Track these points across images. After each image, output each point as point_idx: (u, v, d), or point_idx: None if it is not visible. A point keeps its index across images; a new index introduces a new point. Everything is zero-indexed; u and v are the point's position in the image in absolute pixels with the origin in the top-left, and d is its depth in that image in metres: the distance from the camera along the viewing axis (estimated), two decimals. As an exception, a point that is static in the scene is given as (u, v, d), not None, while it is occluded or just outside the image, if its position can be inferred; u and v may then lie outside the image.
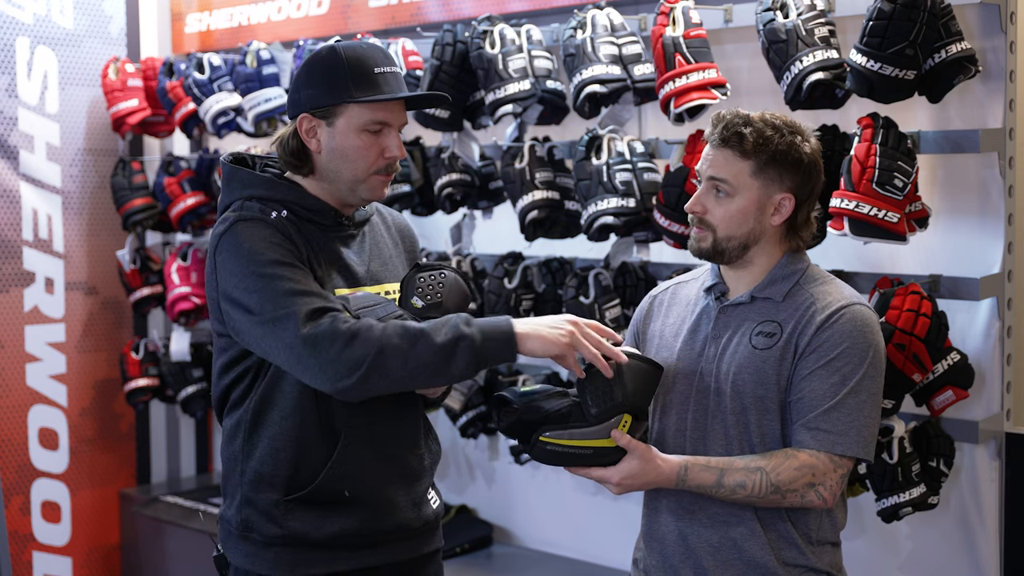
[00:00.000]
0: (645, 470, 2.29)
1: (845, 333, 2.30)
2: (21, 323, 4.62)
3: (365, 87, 2.39)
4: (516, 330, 2.25)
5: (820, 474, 2.28)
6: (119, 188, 4.69)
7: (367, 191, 2.44)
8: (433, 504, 2.56)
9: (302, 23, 4.48)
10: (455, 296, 2.44)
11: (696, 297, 2.50)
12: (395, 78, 2.43)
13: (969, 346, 3.01)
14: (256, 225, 2.34)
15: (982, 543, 3.04)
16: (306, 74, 2.43)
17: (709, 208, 2.37)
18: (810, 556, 2.35)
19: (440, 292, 2.42)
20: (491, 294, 3.64)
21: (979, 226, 3.02)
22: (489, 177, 3.78)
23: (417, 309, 2.40)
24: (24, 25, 4.62)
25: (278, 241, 2.33)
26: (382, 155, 2.42)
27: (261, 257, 2.29)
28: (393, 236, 2.60)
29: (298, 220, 2.41)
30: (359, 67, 2.39)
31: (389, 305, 2.38)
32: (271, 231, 2.34)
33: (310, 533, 2.41)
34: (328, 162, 2.43)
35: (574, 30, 3.31)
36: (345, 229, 2.47)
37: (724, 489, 2.29)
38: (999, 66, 2.95)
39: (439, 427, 4.27)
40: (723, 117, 2.37)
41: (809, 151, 2.36)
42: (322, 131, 2.41)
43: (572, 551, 3.95)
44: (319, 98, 2.40)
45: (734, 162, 2.34)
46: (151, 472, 5.05)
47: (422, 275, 2.46)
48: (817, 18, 2.89)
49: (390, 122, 2.43)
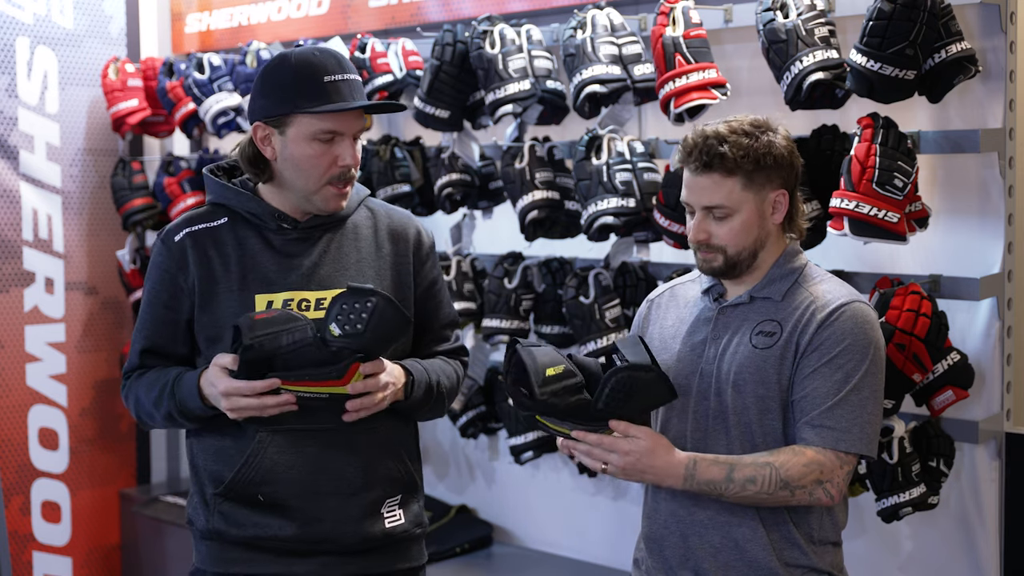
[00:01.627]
0: (654, 450, 2.25)
1: (846, 330, 2.30)
2: (21, 323, 4.62)
3: (313, 96, 2.37)
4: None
5: (828, 471, 2.28)
6: (119, 188, 4.69)
7: (321, 201, 2.44)
8: (391, 522, 2.50)
9: (302, 23, 4.48)
10: (381, 328, 2.30)
11: (694, 298, 2.50)
12: (347, 86, 2.39)
13: (969, 346, 3.01)
14: (159, 249, 2.51)
15: (982, 543, 3.04)
16: (259, 82, 2.44)
17: (713, 232, 2.35)
18: (812, 556, 2.35)
19: (361, 322, 2.28)
20: (491, 294, 3.64)
21: (979, 226, 3.02)
22: (489, 177, 3.78)
23: (333, 337, 2.28)
24: (24, 25, 4.62)
25: (164, 269, 2.49)
26: (335, 164, 2.41)
27: (146, 289, 2.54)
28: (379, 240, 2.55)
29: (238, 225, 2.48)
30: (308, 76, 2.37)
31: (299, 331, 2.29)
32: (163, 259, 2.49)
33: (231, 531, 2.46)
34: (283, 170, 2.44)
35: (574, 30, 3.31)
36: (288, 233, 2.47)
37: (734, 485, 2.27)
38: (999, 66, 2.95)
39: (439, 427, 4.27)
40: (694, 142, 2.33)
41: (784, 142, 2.36)
42: (276, 139, 2.42)
43: (572, 551, 3.95)
44: (270, 108, 2.41)
45: (723, 183, 2.32)
46: (151, 472, 5.05)
47: (346, 301, 2.30)
48: (817, 18, 2.89)
49: (341, 131, 2.40)
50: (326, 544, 2.46)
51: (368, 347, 2.31)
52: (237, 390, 2.32)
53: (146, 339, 2.51)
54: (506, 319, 3.61)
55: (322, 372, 2.31)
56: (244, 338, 2.28)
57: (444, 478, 4.29)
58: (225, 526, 2.46)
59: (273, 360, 2.30)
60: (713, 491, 2.29)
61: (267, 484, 2.43)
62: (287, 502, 2.43)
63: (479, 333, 3.79)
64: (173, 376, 2.45)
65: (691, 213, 2.38)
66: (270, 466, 2.42)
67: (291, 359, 2.30)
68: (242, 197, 2.49)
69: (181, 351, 2.51)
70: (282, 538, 2.44)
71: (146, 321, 2.52)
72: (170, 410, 2.44)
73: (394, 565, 2.54)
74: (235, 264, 2.45)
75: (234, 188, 2.50)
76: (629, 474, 2.28)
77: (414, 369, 2.50)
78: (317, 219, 2.49)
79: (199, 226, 2.49)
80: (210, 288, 2.45)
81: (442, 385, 2.56)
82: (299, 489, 2.43)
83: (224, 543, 2.47)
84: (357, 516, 2.47)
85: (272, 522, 2.44)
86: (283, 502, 2.43)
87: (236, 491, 2.44)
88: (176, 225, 2.52)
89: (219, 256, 2.46)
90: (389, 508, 2.51)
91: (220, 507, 2.46)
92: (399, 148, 3.90)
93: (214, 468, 2.47)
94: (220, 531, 2.47)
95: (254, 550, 2.46)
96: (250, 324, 2.29)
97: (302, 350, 2.29)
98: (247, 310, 2.42)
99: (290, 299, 2.43)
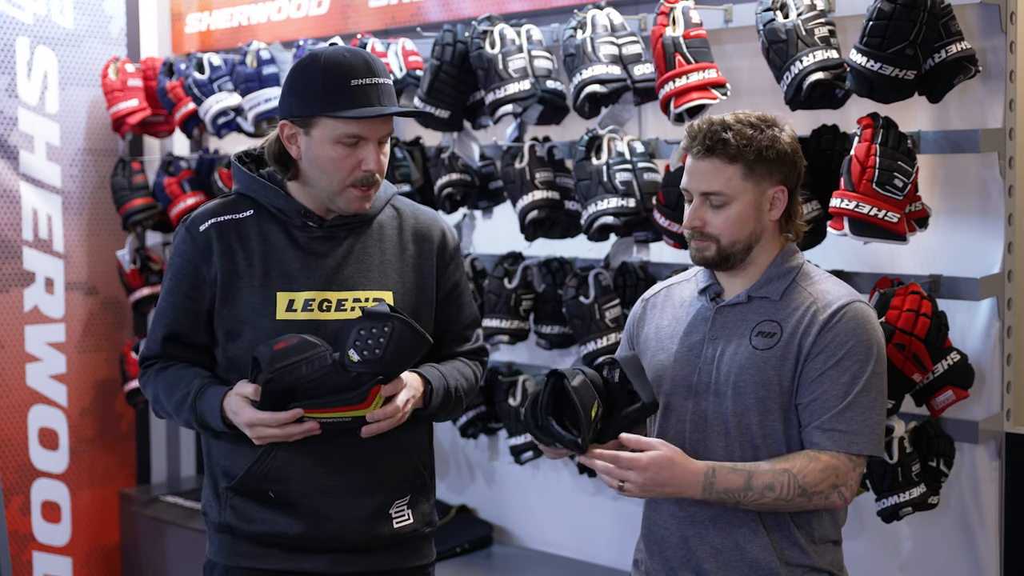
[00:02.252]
0: (672, 459, 2.23)
1: (850, 331, 2.30)
2: (21, 323, 4.62)
3: (338, 100, 2.35)
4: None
5: (842, 475, 2.28)
6: (119, 188, 4.68)
7: (343, 203, 2.43)
8: (399, 522, 2.51)
9: (302, 23, 4.48)
10: (400, 352, 2.30)
11: (691, 298, 2.49)
12: (374, 90, 2.37)
13: (969, 346, 3.01)
14: (184, 237, 2.49)
15: (982, 543, 3.04)
16: (289, 80, 2.44)
17: (708, 220, 2.35)
18: (812, 556, 2.35)
19: (380, 347, 2.27)
20: (491, 294, 3.64)
21: (979, 226, 3.02)
22: (489, 177, 3.78)
23: (353, 363, 2.29)
24: (24, 25, 4.62)
25: (187, 259, 2.47)
26: (358, 167, 2.40)
27: (167, 276, 2.52)
28: (403, 241, 2.54)
29: (264, 219, 2.47)
30: (335, 78, 2.36)
31: (317, 360, 2.30)
32: (187, 247, 2.48)
33: (242, 526, 2.46)
34: (308, 169, 2.44)
35: (574, 30, 3.31)
36: (313, 231, 2.46)
37: (753, 492, 2.25)
38: (999, 66, 2.95)
39: (439, 427, 4.27)
40: (700, 128, 2.35)
41: (788, 140, 2.36)
42: (301, 139, 2.42)
43: (572, 551, 3.95)
44: (296, 107, 2.40)
45: (723, 169, 2.33)
46: (151, 472, 5.05)
47: (363, 326, 2.29)
48: (817, 18, 2.89)
49: (366, 135, 2.38)
50: (334, 542, 2.47)
51: (388, 371, 2.32)
52: (262, 421, 2.32)
53: (167, 326, 2.50)
54: (506, 319, 3.61)
55: (343, 398, 2.32)
56: (264, 371, 2.29)
57: (444, 478, 4.29)
58: (236, 521, 2.47)
59: (294, 392, 2.31)
60: (731, 499, 2.27)
61: (279, 482, 2.44)
62: (297, 500, 2.44)
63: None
64: (196, 387, 2.44)
65: (689, 201, 2.39)
66: (282, 464, 2.44)
67: (312, 388, 2.30)
68: (269, 191, 2.48)
69: (203, 340, 2.50)
70: (290, 535, 2.45)
71: (167, 308, 2.51)
72: (189, 420, 2.46)
73: (402, 563, 2.55)
74: (258, 259, 2.45)
75: (262, 181, 2.49)
76: (648, 490, 2.24)
77: (432, 377, 2.49)
78: (343, 218, 2.48)
79: (225, 217, 2.48)
80: (232, 282, 2.45)
81: (460, 389, 2.56)
82: (310, 488, 2.44)
83: (236, 537, 2.49)
84: (365, 517, 2.47)
85: (280, 519, 2.44)
86: (293, 500, 2.44)
87: (248, 486, 2.45)
88: (201, 214, 2.50)
89: (243, 250, 2.45)
90: (398, 509, 2.51)
91: (231, 501, 2.47)
92: (399, 148, 3.90)
93: (227, 463, 2.48)
94: (231, 525, 2.48)
95: (264, 545, 2.47)
96: (269, 356, 2.30)
97: (321, 379, 2.30)
98: (268, 306, 2.42)
99: (312, 299, 2.43)
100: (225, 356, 2.47)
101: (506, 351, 3.94)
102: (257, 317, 2.42)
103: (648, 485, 2.23)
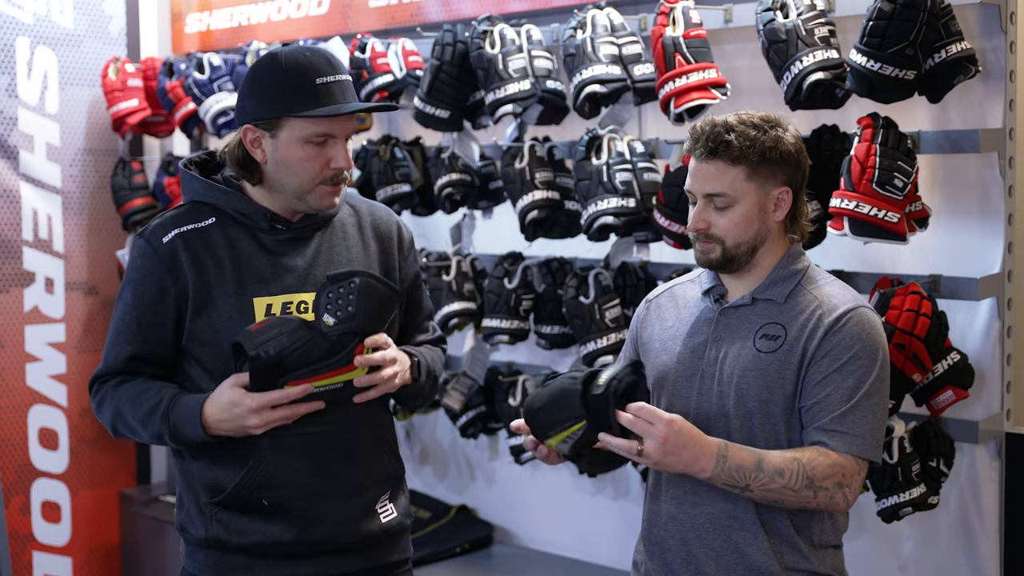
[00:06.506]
0: (692, 429, 2.22)
1: (855, 336, 2.30)
2: (21, 323, 4.62)
3: (305, 99, 2.34)
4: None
5: (848, 475, 2.28)
6: (119, 188, 4.69)
7: (315, 200, 2.42)
8: (385, 517, 2.51)
9: (302, 23, 4.48)
10: (369, 304, 2.34)
11: (694, 299, 2.48)
12: (339, 87, 2.37)
13: (969, 346, 3.01)
14: (143, 249, 2.43)
15: (982, 543, 3.04)
16: (249, 83, 2.41)
17: (712, 222, 2.35)
18: (812, 560, 2.34)
19: (351, 303, 2.32)
20: (491, 294, 3.64)
21: (979, 226, 3.02)
22: (489, 177, 3.78)
23: (329, 327, 2.32)
24: (24, 25, 4.62)
25: (148, 272, 2.41)
26: (327, 166, 2.38)
27: (127, 291, 2.44)
28: (365, 237, 2.54)
29: (228, 225, 2.43)
30: (299, 78, 2.34)
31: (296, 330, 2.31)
32: (148, 261, 2.41)
33: (232, 539, 2.42)
34: (274, 172, 2.41)
35: (574, 30, 3.31)
36: (281, 234, 2.45)
37: (763, 475, 2.23)
38: (999, 66, 2.95)
39: (439, 427, 4.27)
40: (703, 129, 2.34)
41: (792, 140, 2.35)
42: (266, 142, 2.39)
43: (572, 551, 3.95)
44: (260, 110, 2.37)
45: (727, 171, 2.32)
46: (151, 472, 5.05)
47: (331, 289, 2.34)
48: (817, 18, 2.89)
49: (334, 133, 2.38)
50: (326, 545, 2.45)
51: (365, 325, 2.35)
52: (270, 402, 2.30)
53: (131, 343, 2.42)
54: (506, 319, 3.61)
55: (330, 363, 2.34)
56: (248, 350, 2.29)
57: (444, 478, 4.29)
58: (226, 534, 2.42)
59: (282, 365, 2.31)
60: (741, 480, 2.24)
61: (272, 489, 2.41)
62: (290, 505, 2.42)
63: (479, 333, 3.79)
64: (168, 397, 2.39)
65: (693, 203, 2.39)
66: (275, 471, 2.41)
67: (298, 359, 2.31)
68: (232, 197, 2.44)
69: (168, 355, 2.44)
70: (283, 543, 2.43)
71: (129, 324, 2.42)
72: (160, 432, 2.38)
73: (388, 557, 2.55)
74: (229, 267, 2.41)
75: (222, 187, 2.45)
76: (667, 451, 2.20)
77: (416, 352, 2.54)
78: (308, 219, 2.47)
79: (188, 227, 2.42)
80: (205, 292, 2.40)
81: (436, 369, 2.61)
82: (302, 492, 2.43)
83: (225, 551, 2.44)
84: (356, 516, 2.47)
85: (272, 528, 2.42)
86: (286, 506, 2.42)
87: (239, 497, 2.41)
88: (161, 225, 2.43)
89: (212, 259, 2.41)
90: (382, 504, 2.52)
91: (218, 516, 2.42)
92: (399, 148, 3.90)
93: (211, 477, 2.43)
94: (221, 539, 2.43)
95: (255, 556, 2.44)
96: (248, 336, 2.31)
97: (305, 347, 2.31)
98: (246, 313, 2.40)
99: (288, 301, 2.42)
100: (202, 368, 2.42)
101: (506, 351, 3.94)
102: (235, 325, 2.38)
103: (668, 445, 2.19)
